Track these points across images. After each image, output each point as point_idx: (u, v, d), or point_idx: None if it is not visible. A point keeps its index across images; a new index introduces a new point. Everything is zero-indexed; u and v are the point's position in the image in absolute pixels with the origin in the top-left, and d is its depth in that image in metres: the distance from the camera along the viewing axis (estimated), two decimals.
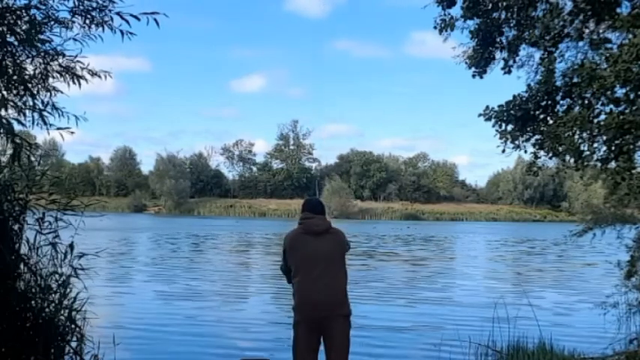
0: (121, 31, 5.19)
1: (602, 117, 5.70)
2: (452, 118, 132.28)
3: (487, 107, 6.72)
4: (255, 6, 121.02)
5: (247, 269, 17.82)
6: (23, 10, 4.87)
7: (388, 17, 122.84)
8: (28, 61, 5.11)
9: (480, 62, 7.05)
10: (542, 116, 6.58)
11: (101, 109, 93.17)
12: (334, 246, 4.25)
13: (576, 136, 5.84)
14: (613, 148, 5.72)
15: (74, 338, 5.14)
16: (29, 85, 5.07)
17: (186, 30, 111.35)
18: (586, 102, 5.80)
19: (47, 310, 4.92)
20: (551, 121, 6.50)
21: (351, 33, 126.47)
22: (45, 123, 5.05)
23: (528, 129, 6.56)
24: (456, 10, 7.04)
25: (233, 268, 18.05)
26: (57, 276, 5.04)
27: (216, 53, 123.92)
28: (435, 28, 7.14)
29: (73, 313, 5.12)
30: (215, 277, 15.25)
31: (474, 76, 7.18)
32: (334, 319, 4.13)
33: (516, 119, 6.57)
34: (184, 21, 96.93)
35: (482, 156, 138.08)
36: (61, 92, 5.33)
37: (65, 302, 5.06)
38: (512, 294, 12.60)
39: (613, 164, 5.88)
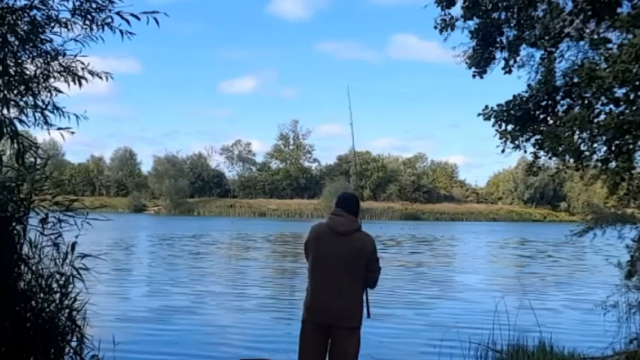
0: (121, 31, 5.20)
1: (602, 117, 5.71)
2: (444, 119, 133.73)
3: (486, 107, 6.73)
4: (237, 9, 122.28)
5: (246, 269, 17.81)
6: (24, 11, 4.88)
7: (369, 20, 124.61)
8: (29, 61, 5.11)
9: (480, 62, 7.07)
10: (542, 116, 6.59)
11: (96, 109, 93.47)
12: (356, 251, 3.98)
13: (576, 136, 5.85)
14: (613, 148, 5.73)
15: (74, 338, 5.14)
16: (30, 85, 5.08)
17: (174, 33, 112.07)
18: (586, 102, 5.80)
19: (48, 310, 4.92)
20: (551, 121, 6.51)
21: (334, 35, 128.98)
22: (46, 123, 5.07)
23: (528, 129, 6.57)
24: (456, 10, 7.06)
25: (232, 268, 18.06)
26: (58, 276, 5.04)
27: (205, 55, 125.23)
28: (436, 28, 7.16)
29: (74, 313, 5.12)
30: (214, 278, 15.27)
31: (474, 76, 7.20)
32: (340, 331, 3.97)
33: (516, 119, 6.57)
34: (172, 24, 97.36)
35: (477, 156, 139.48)
36: (62, 92, 5.33)
37: (66, 302, 5.06)
38: (513, 294, 12.59)
39: (613, 164, 5.88)
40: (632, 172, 5.97)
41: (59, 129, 5.11)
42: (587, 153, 5.86)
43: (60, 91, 5.34)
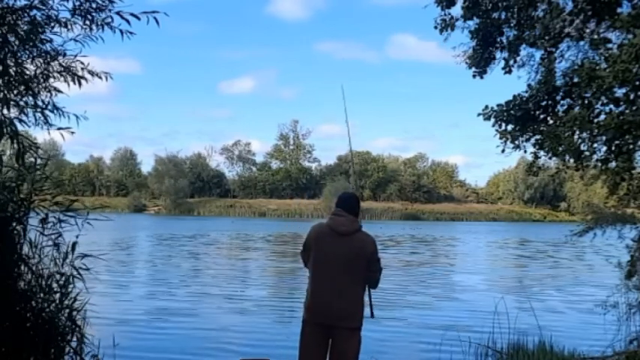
0: (121, 31, 5.20)
1: (602, 117, 5.71)
2: (444, 119, 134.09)
3: (486, 107, 6.73)
4: (237, 9, 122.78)
5: (246, 270, 17.83)
6: (24, 11, 4.88)
7: (368, 20, 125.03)
8: (29, 61, 5.11)
9: (480, 62, 7.07)
10: (542, 116, 6.59)
11: (96, 109, 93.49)
12: (356, 251, 3.98)
13: (576, 136, 5.85)
14: (613, 148, 5.73)
15: (74, 338, 5.14)
16: (30, 85, 5.08)
17: (174, 33, 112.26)
18: (586, 102, 5.80)
19: (48, 310, 4.92)
20: (551, 121, 6.51)
21: (333, 35, 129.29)
22: (46, 122, 5.07)
23: (528, 129, 6.57)
24: (456, 11, 7.07)
25: (232, 269, 18.06)
26: (58, 276, 5.04)
27: (205, 55, 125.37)
28: (436, 28, 7.16)
29: (74, 313, 5.12)
30: (214, 279, 15.26)
31: (474, 76, 7.20)
32: (340, 331, 3.96)
33: (516, 119, 6.57)
34: (172, 24, 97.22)
35: (477, 156, 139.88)
36: (61, 92, 5.33)
37: (66, 302, 5.06)
38: (513, 294, 12.61)
39: (613, 164, 5.88)
40: (632, 172, 5.96)
41: (59, 129, 5.11)
42: (587, 153, 5.86)
43: (60, 91, 5.34)
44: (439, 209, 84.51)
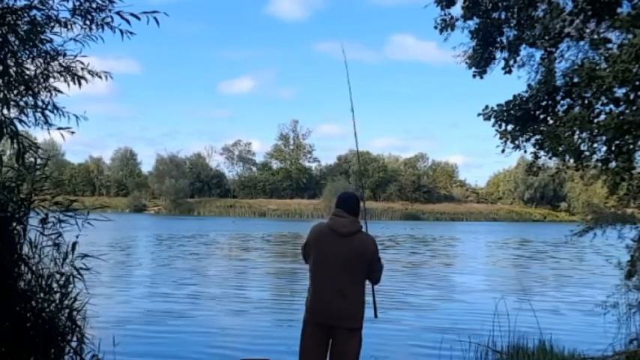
0: (121, 31, 5.20)
1: (602, 117, 5.71)
2: (444, 119, 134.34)
3: (486, 107, 6.73)
4: (236, 9, 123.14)
5: (246, 270, 17.82)
6: (24, 11, 4.88)
7: (367, 21, 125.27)
8: (29, 61, 5.11)
9: (480, 62, 7.07)
10: (542, 116, 6.59)
11: (95, 109, 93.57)
12: (356, 251, 3.99)
13: (576, 136, 5.85)
14: (613, 148, 5.72)
15: (74, 338, 5.14)
16: (30, 85, 5.08)
17: (174, 33, 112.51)
18: (586, 102, 5.80)
19: (48, 310, 4.92)
20: (551, 121, 6.51)
21: (332, 35, 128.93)
22: (47, 122, 5.08)
23: (528, 129, 6.57)
24: (456, 10, 7.08)
25: (232, 269, 18.05)
26: (58, 276, 5.04)
27: (205, 55, 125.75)
28: (436, 28, 7.17)
29: (74, 313, 5.12)
30: (214, 279, 15.26)
31: (474, 76, 7.21)
32: (341, 332, 3.96)
33: (516, 119, 6.58)
34: (172, 24, 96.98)
35: (477, 156, 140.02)
36: (61, 92, 5.34)
37: (66, 302, 5.06)
38: (512, 295, 12.60)
39: (613, 164, 5.88)
40: (632, 172, 5.96)
41: (59, 129, 5.12)
42: (587, 153, 5.86)
43: (60, 91, 5.34)
44: (439, 209, 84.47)
